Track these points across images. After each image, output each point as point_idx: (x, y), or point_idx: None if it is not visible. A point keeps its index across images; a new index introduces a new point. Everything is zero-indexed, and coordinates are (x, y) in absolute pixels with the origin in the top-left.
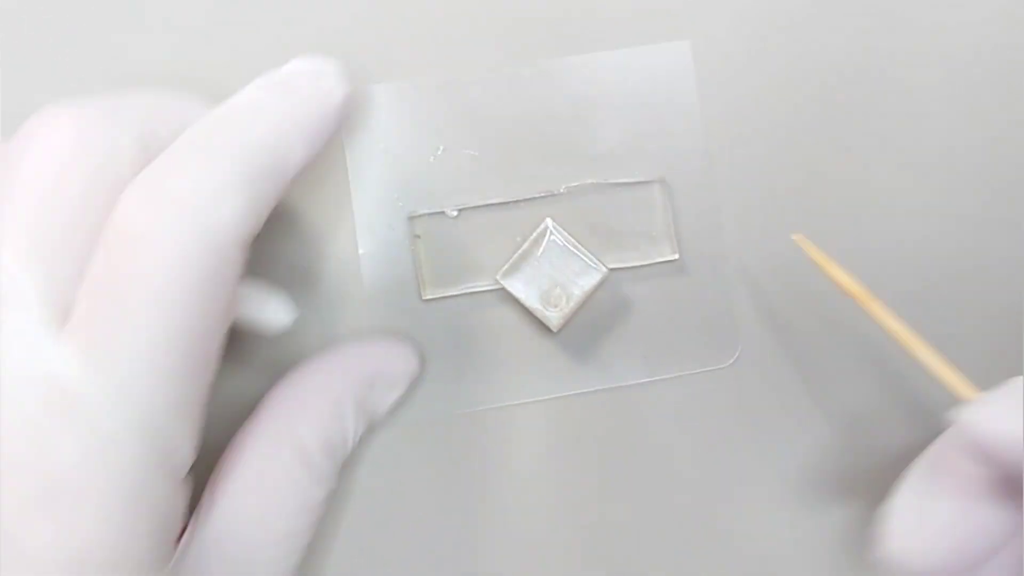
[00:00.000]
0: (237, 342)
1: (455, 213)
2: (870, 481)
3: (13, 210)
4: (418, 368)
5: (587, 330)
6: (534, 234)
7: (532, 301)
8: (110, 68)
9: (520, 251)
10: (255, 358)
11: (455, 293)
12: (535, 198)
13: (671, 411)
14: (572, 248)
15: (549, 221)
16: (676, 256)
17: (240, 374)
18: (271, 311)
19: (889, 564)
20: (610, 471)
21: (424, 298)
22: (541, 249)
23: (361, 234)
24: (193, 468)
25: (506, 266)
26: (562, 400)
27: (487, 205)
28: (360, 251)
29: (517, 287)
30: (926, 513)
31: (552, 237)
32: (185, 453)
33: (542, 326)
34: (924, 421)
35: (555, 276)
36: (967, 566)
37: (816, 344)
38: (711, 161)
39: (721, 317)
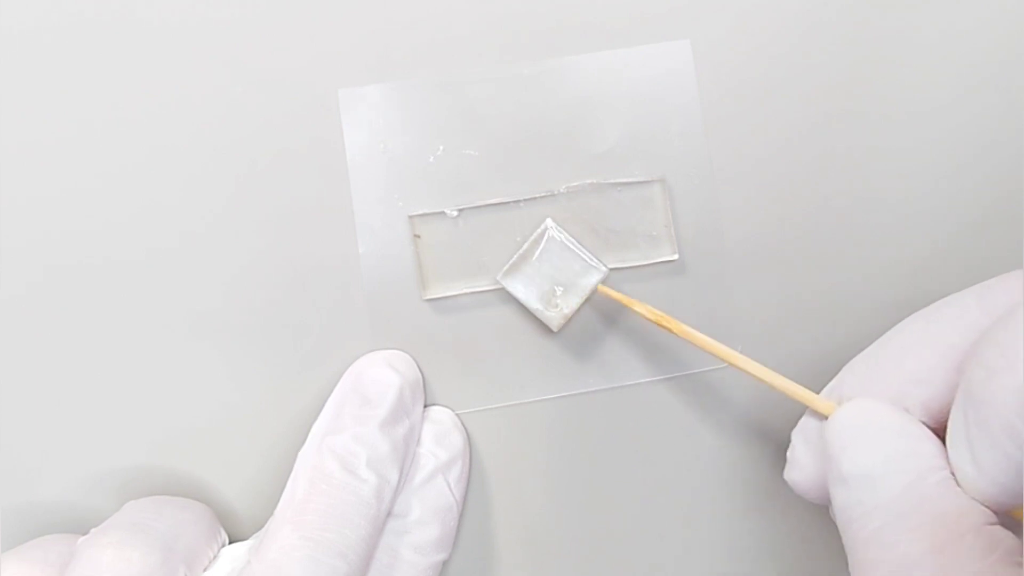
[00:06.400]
0: (238, 342)
1: (455, 213)
2: None
3: None
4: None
5: (587, 330)
6: (534, 234)
7: (532, 301)
8: (103, 68)
9: (520, 251)
10: (256, 358)
11: (455, 293)
12: (535, 198)
13: (671, 411)
14: (572, 248)
15: (549, 221)
16: (676, 256)
17: (241, 374)
18: None
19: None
20: (610, 471)
21: (424, 298)
22: (541, 249)
23: (361, 234)
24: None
25: (506, 266)
26: (562, 400)
27: (487, 205)
28: (360, 251)
29: (517, 287)
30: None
31: (552, 237)
32: None
33: (542, 326)
34: None
35: (555, 276)
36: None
37: (815, 343)
38: (711, 161)
39: (721, 317)
